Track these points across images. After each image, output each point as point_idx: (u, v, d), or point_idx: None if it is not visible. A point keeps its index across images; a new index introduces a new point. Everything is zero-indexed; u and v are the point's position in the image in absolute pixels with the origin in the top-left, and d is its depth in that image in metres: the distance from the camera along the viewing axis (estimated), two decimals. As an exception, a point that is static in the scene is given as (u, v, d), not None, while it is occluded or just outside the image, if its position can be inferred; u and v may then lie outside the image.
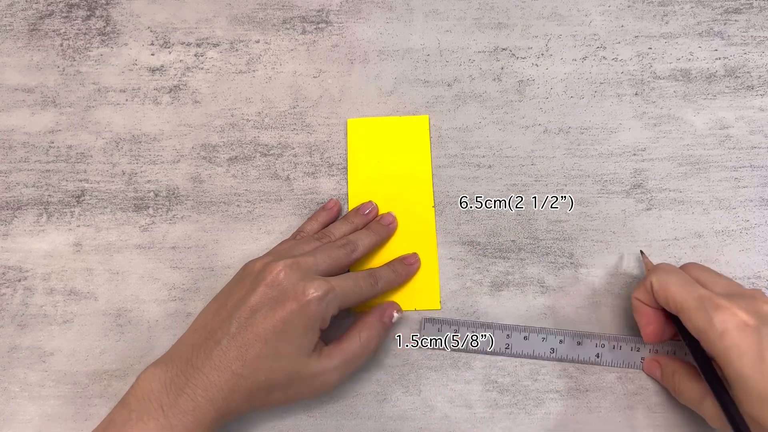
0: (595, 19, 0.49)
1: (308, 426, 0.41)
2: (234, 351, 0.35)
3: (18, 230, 0.45)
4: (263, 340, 0.35)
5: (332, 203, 0.45)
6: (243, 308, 0.36)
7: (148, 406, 0.33)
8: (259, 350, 0.35)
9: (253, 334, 0.35)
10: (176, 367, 0.35)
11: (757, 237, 0.44)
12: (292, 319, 0.35)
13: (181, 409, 0.33)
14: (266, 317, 0.35)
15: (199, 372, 0.34)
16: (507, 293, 0.43)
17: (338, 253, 0.39)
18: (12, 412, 0.41)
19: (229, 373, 0.34)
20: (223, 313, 0.36)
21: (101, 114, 0.47)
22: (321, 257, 0.38)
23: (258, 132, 0.47)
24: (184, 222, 0.45)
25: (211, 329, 0.36)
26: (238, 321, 0.35)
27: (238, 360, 0.34)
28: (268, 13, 0.50)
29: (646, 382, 0.42)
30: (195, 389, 0.34)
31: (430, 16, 0.49)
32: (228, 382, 0.34)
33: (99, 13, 0.50)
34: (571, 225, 0.45)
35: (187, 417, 0.33)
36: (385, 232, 0.43)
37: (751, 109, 0.47)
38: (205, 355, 0.35)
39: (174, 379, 0.34)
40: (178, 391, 0.34)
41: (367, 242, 0.42)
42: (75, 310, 0.43)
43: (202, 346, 0.35)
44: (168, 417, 0.33)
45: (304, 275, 0.36)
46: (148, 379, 0.35)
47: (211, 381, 0.34)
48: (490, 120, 0.47)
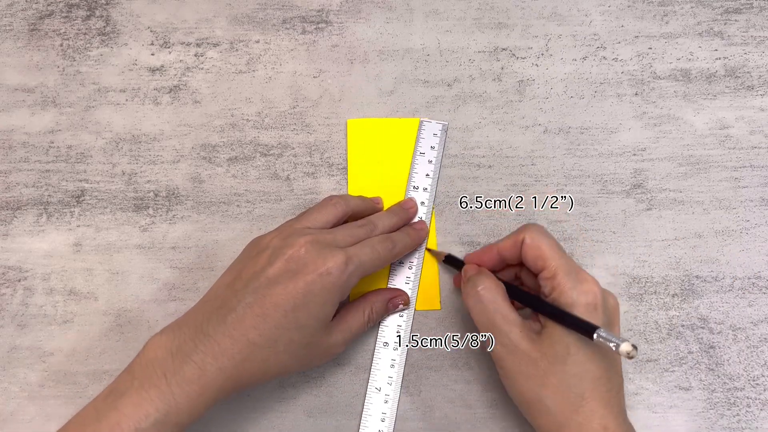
0: (595, 19, 0.49)
1: (308, 426, 0.41)
2: (251, 319, 0.34)
3: (18, 230, 0.45)
4: (283, 311, 0.34)
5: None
6: (261, 278, 0.35)
7: (151, 373, 0.33)
8: (278, 321, 0.34)
9: (272, 303, 0.34)
10: (185, 334, 0.34)
11: (757, 237, 0.44)
12: (312, 290, 0.35)
13: (186, 377, 0.33)
14: (286, 288, 0.34)
15: (210, 339, 0.33)
16: (507, 293, 0.43)
17: (358, 232, 0.39)
18: (12, 412, 0.41)
19: (244, 341, 0.34)
20: (237, 285, 0.35)
21: (101, 114, 0.47)
22: (340, 234, 0.38)
23: (258, 132, 0.47)
24: (184, 222, 0.45)
25: (225, 298, 0.35)
26: (255, 291, 0.34)
27: (255, 329, 0.34)
28: (268, 13, 0.50)
29: (645, 383, 0.42)
30: (204, 357, 0.33)
31: (430, 16, 0.49)
32: (242, 350, 0.33)
33: (99, 13, 0.50)
34: (571, 225, 0.45)
35: (191, 386, 0.33)
36: (405, 215, 0.43)
37: (751, 109, 0.47)
38: (218, 322, 0.34)
39: (181, 346, 0.33)
40: (184, 358, 0.33)
41: (387, 223, 0.41)
42: (75, 310, 0.43)
43: (214, 314, 0.34)
44: (171, 385, 0.32)
45: (323, 249, 0.36)
46: (154, 346, 0.34)
47: (223, 348, 0.33)
48: (490, 120, 0.47)
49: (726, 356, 0.42)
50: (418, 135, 0.46)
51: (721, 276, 0.44)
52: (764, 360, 0.42)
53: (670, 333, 0.43)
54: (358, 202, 0.42)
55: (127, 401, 0.32)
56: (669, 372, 0.42)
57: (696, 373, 0.42)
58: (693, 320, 0.43)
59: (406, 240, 0.41)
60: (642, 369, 0.42)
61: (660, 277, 0.44)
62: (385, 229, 0.41)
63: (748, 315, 0.43)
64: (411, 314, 0.43)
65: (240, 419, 0.41)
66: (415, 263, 0.43)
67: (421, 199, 0.45)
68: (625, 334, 0.43)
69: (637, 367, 0.42)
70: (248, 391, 0.42)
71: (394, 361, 0.41)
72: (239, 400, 0.41)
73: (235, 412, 0.41)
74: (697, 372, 0.42)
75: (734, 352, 0.42)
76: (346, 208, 0.40)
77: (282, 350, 0.35)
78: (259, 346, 0.34)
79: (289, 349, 0.35)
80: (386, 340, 0.42)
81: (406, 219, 0.43)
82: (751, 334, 0.43)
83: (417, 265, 0.43)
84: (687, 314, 0.43)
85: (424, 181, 0.45)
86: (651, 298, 0.43)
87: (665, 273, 0.44)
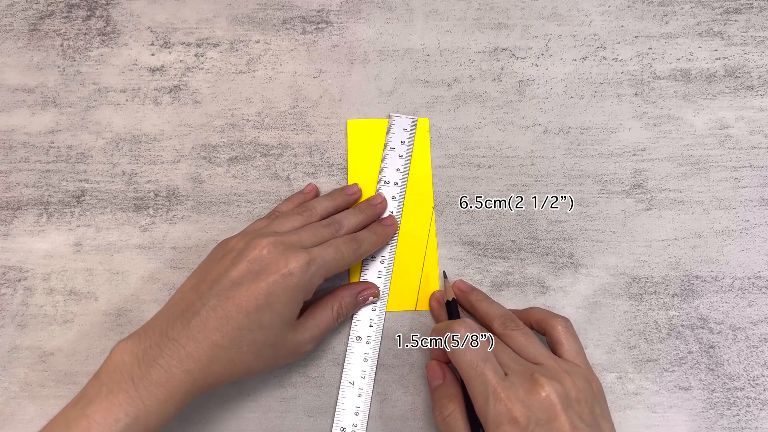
0: (595, 19, 0.49)
1: (308, 426, 0.41)
2: (214, 322, 0.34)
3: (18, 230, 0.45)
4: (245, 312, 0.35)
5: (310, 188, 0.45)
6: (224, 281, 0.35)
7: (118, 378, 0.33)
8: (240, 322, 0.34)
9: (235, 305, 0.35)
10: (150, 339, 0.34)
11: (757, 237, 0.44)
12: (274, 290, 0.35)
13: (153, 381, 0.33)
14: (248, 289, 0.35)
15: (175, 343, 0.34)
16: (507, 293, 0.43)
17: (323, 232, 0.39)
18: (12, 412, 0.41)
19: (208, 343, 0.34)
20: (202, 287, 0.36)
21: (101, 114, 0.47)
22: (306, 235, 0.38)
23: (258, 132, 0.47)
24: (184, 222, 0.45)
25: (189, 302, 0.35)
26: (219, 293, 0.35)
27: (218, 331, 0.34)
28: (268, 13, 0.50)
29: (645, 383, 0.42)
30: (170, 360, 0.33)
31: (430, 17, 0.49)
32: (206, 353, 0.34)
33: (99, 14, 0.50)
34: (571, 225, 0.45)
35: (159, 389, 0.33)
36: (372, 212, 0.43)
37: (751, 109, 0.47)
38: (182, 326, 0.34)
39: (147, 351, 0.34)
40: (150, 363, 0.33)
41: (354, 221, 0.41)
42: (75, 310, 0.43)
43: (179, 318, 0.35)
44: (138, 389, 0.33)
45: (286, 250, 0.36)
46: (120, 351, 0.34)
47: (188, 352, 0.34)
48: (490, 120, 0.47)
49: (726, 356, 0.42)
50: (388, 130, 0.46)
51: (721, 276, 0.44)
52: (764, 360, 0.42)
53: (670, 333, 0.43)
54: (326, 206, 0.42)
55: (96, 407, 0.32)
56: (669, 372, 0.42)
57: (696, 373, 0.42)
58: (693, 320, 0.43)
59: (372, 238, 0.41)
60: (642, 369, 0.42)
61: (660, 277, 0.44)
62: (351, 228, 0.41)
63: (748, 315, 0.43)
64: (383, 308, 0.43)
65: (240, 419, 0.41)
66: (387, 257, 0.43)
67: (391, 194, 0.45)
68: (626, 333, 0.43)
69: (637, 366, 0.42)
70: (248, 391, 0.42)
71: (367, 355, 0.42)
72: (239, 400, 0.41)
73: (235, 412, 0.41)
74: (697, 372, 0.42)
75: (734, 352, 0.42)
76: (312, 218, 0.41)
77: (246, 351, 0.35)
78: (223, 347, 0.34)
79: (253, 349, 0.35)
80: (359, 334, 0.42)
81: (373, 215, 0.43)
82: (751, 334, 0.43)
83: (389, 259, 0.43)
84: (687, 314, 0.43)
85: (394, 175, 0.45)
86: (651, 298, 0.43)
87: (665, 273, 0.44)
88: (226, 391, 0.41)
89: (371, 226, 0.43)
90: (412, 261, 0.44)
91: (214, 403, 0.41)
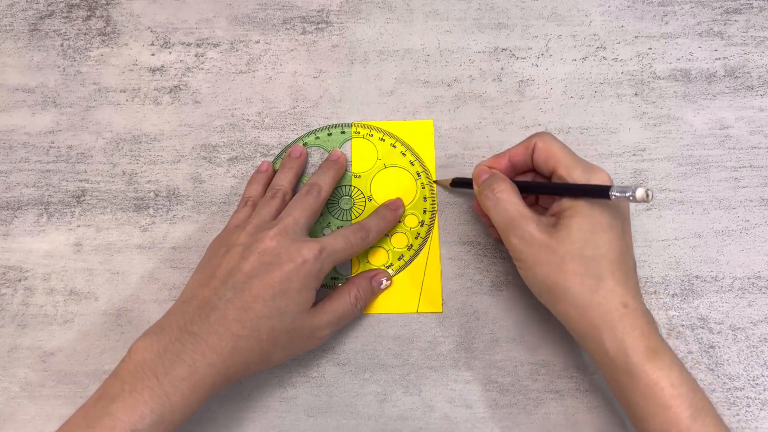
0: (595, 19, 0.49)
1: (308, 426, 0.41)
2: (233, 313, 0.35)
3: (18, 230, 0.45)
4: (262, 301, 0.35)
5: (265, 165, 0.45)
6: (237, 275, 0.36)
7: (141, 375, 0.33)
8: (259, 311, 0.35)
9: (252, 296, 0.35)
10: (169, 335, 0.35)
11: (757, 237, 0.44)
12: (289, 279, 0.36)
13: (178, 376, 0.33)
14: (263, 279, 0.36)
15: (196, 337, 0.34)
16: (507, 293, 0.43)
17: (308, 200, 0.40)
18: (12, 412, 0.41)
19: (228, 335, 0.35)
20: (214, 283, 0.36)
21: (101, 114, 0.47)
22: (297, 212, 0.39)
23: (258, 132, 0.47)
24: (184, 222, 0.45)
25: (204, 298, 0.36)
26: (234, 286, 0.36)
27: (238, 322, 0.35)
28: (268, 13, 0.50)
29: (646, 382, 0.42)
30: (193, 355, 0.34)
31: (430, 17, 0.49)
32: (228, 344, 0.35)
33: (99, 14, 0.50)
34: (571, 225, 0.45)
35: (183, 384, 0.33)
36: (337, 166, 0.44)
37: (751, 109, 0.47)
38: (201, 321, 0.35)
39: (168, 347, 0.34)
40: (173, 359, 0.34)
41: (327, 179, 0.42)
42: (75, 310, 0.43)
43: (196, 313, 0.35)
44: (163, 385, 0.33)
45: (293, 238, 0.37)
46: (140, 349, 0.34)
47: (210, 345, 0.34)
48: (490, 120, 0.47)
49: (726, 356, 0.42)
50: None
51: (721, 276, 0.44)
52: (764, 360, 0.42)
53: (670, 333, 0.43)
54: (290, 179, 0.43)
55: (120, 405, 0.32)
56: (669, 372, 0.42)
57: (696, 373, 0.42)
58: (693, 320, 0.43)
59: (380, 225, 0.42)
60: (642, 369, 0.42)
61: (660, 277, 0.44)
62: (328, 187, 0.42)
63: (748, 315, 0.43)
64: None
65: (240, 419, 0.41)
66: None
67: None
68: (625, 334, 0.43)
69: (637, 367, 0.42)
70: (248, 391, 0.42)
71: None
72: (239, 399, 0.41)
73: (235, 411, 0.41)
74: (697, 372, 0.42)
75: (734, 352, 0.42)
76: (287, 196, 0.42)
77: (265, 339, 0.36)
78: (244, 337, 0.35)
79: (271, 336, 0.36)
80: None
81: (340, 168, 0.44)
82: (751, 334, 0.43)
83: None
84: (687, 314, 0.43)
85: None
86: (651, 298, 0.43)
87: (665, 273, 0.44)
88: (226, 391, 0.41)
89: (378, 209, 0.44)
90: (413, 262, 0.44)
91: (214, 403, 0.41)
